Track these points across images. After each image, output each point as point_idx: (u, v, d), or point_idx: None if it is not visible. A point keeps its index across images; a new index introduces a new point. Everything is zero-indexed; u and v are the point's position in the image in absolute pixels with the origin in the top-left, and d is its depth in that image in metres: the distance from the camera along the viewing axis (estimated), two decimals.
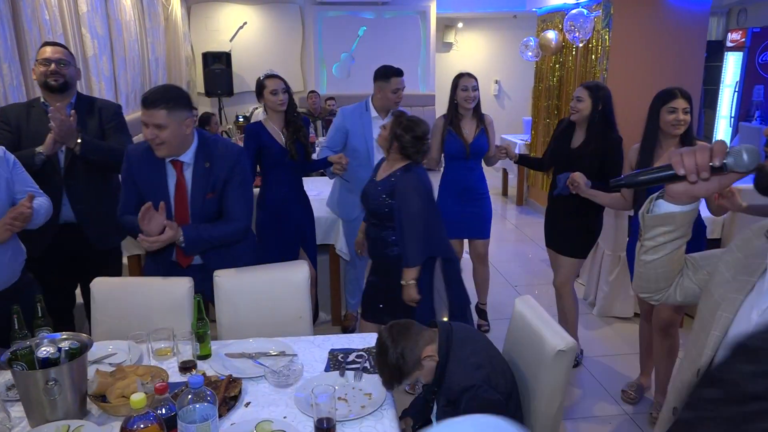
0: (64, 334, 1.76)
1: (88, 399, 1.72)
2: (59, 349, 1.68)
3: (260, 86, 3.30)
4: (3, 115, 2.75)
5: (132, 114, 6.11)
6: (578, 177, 2.90)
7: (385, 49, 8.96)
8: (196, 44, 8.81)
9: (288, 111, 3.31)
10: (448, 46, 10.87)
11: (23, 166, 2.41)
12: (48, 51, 2.73)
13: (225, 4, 8.81)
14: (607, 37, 5.33)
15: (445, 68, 10.50)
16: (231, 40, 8.82)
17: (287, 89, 3.31)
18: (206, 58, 8.49)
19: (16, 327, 1.95)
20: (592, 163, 3.01)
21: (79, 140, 2.62)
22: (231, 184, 2.37)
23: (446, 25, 10.62)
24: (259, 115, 8.11)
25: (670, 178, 1.14)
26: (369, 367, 1.97)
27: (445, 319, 2.60)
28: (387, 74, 3.49)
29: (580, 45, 5.58)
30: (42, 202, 2.34)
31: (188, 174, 2.34)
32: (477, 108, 3.58)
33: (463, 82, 3.57)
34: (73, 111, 2.63)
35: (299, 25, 9.00)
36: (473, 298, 4.02)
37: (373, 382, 1.87)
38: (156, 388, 1.39)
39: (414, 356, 1.78)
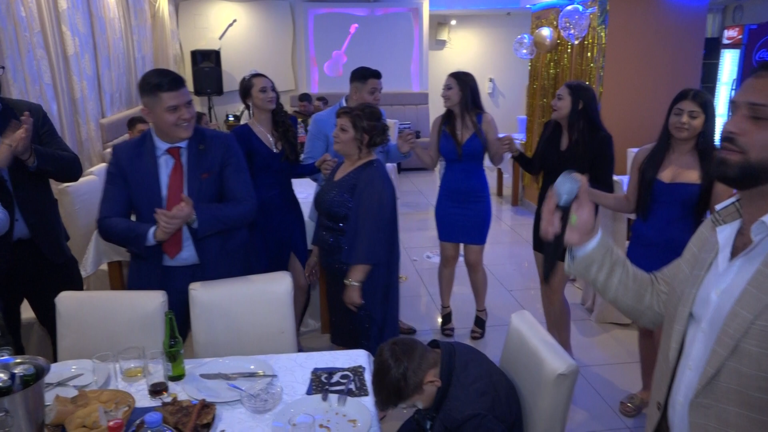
0: (18, 358, 1.60)
1: (45, 430, 1.57)
2: (12, 375, 1.53)
3: (247, 86, 3.18)
4: None
5: (117, 113, 5.95)
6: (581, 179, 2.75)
7: (377, 46, 8.82)
8: (184, 42, 8.64)
9: (275, 111, 3.19)
10: (441, 44, 10.72)
11: None
12: None
13: (214, 1, 8.64)
14: (603, 34, 5.21)
15: (438, 66, 10.36)
16: (220, 38, 8.65)
17: (275, 88, 3.20)
18: (195, 57, 8.33)
19: None
20: (582, 164, 2.89)
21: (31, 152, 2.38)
22: (229, 168, 2.35)
23: (439, 22, 10.48)
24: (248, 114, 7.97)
25: (559, 239, 1.36)
26: (354, 390, 1.83)
27: None
28: (364, 75, 3.35)
29: (576, 42, 5.45)
30: None
31: (184, 159, 2.29)
32: (467, 106, 3.41)
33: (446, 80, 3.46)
34: (31, 119, 2.33)
35: (290, 22, 8.85)
36: (473, 305, 3.92)
37: (358, 407, 1.73)
38: (110, 428, 1.24)
39: (416, 379, 1.66)
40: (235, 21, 8.69)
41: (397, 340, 1.75)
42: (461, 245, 3.75)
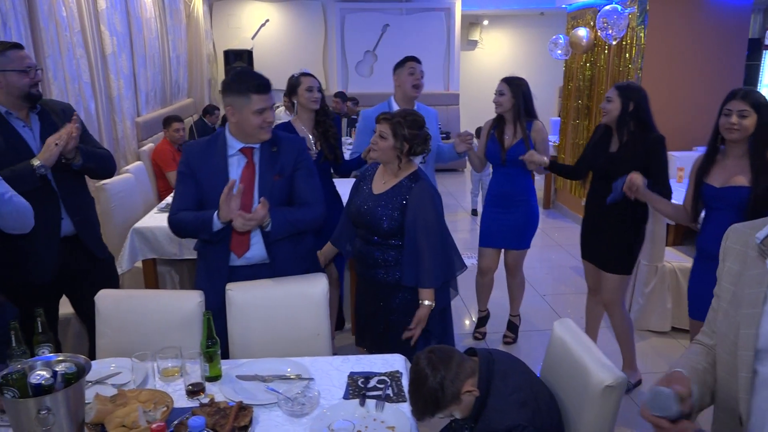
0: (60, 356, 1.62)
1: (85, 429, 1.57)
2: (54, 374, 1.54)
3: (295, 83, 3.22)
4: None
5: (153, 112, 6.02)
6: (637, 178, 2.61)
7: (409, 46, 8.77)
8: (218, 42, 8.73)
9: (319, 111, 3.23)
10: (472, 44, 10.64)
11: (20, 184, 2.22)
12: (26, 56, 2.41)
13: (247, 1, 8.71)
14: (642, 34, 5.10)
15: (469, 67, 10.29)
16: (253, 38, 8.72)
17: (321, 89, 3.24)
18: (228, 56, 8.38)
19: (14, 344, 1.82)
20: (633, 166, 2.76)
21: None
22: (301, 172, 2.35)
23: (471, 22, 10.40)
24: (280, 113, 8.01)
25: None
26: (392, 395, 1.80)
27: None
28: (402, 60, 3.36)
29: (614, 43, 5.34)
30: (21, 200, 2.12)
31: (257, 159, 2.29)
32: (518, 114, 3.35)
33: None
34: (78, 118, 2.44)
35: (321, 22, 8.87)
36: (506, 309, 3.86)
37: (396, 413, 1.70)
38: (152, 430, 1.23)
39: (454, 389, 1.60)
40: (267, 21, 8.74)
41: (434, 349, 1.70)
42: (502, 253, 3.69)
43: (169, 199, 4.10)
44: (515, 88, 3.33)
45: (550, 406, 1.68)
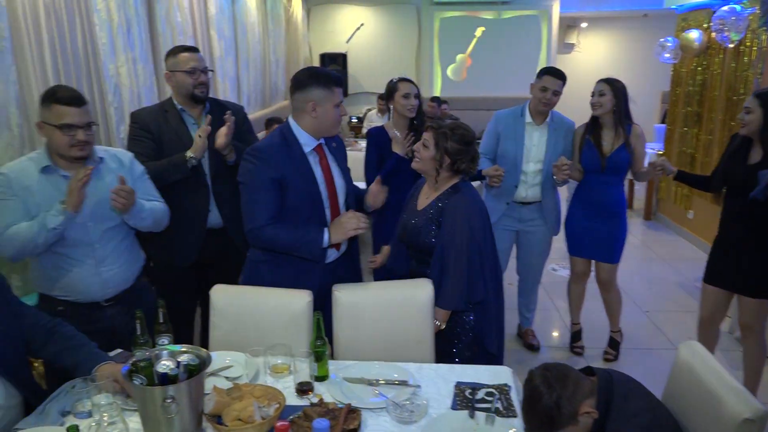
0: (183, 347, 1.69)
1: (204, 418, 1.64)
2: (178, 364, 1.61)
3: (392, 88, 3.21)
4: (140, 121, 2.61)
5: (253, 113, 6.24)
6: None
7: (503, 50, 8.63)
8: (314, 45, 8.94)
9: (415, 118, 3.20)
10: (569, 48, 10.32)
11: (174, 172, 2.49)
12: (193, 59, 2.60)
13: (343, 5, 8.86)
14: (764, 37, 4.73)
15: (565, 70, 9.94)
16: (347, 42, 8.86)
17: (419, 95, 3.21)
18: (323, 59, 8.57)
19: (138, 332, 1.93)
20: None
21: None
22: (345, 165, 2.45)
23: (569, 25, 10.09)
24: (372, 116, 8.10)
25: None
26: (501, 409, 1.75)
27: None
28: (540, 72, 3.30)
29: (731, 46, 5.00)
30: (157, 206, 2.32)
31: (328, 155, 2.33)
32: (620, 117, 3.20)
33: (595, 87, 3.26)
34: (232, 117, 2.58)
35: (415, 26, 8.88)
36: (603, 322, 3.70)
37: (507, 428, 1.65)
38: (277, 428, 1.26)
39: (570, 408, 1.53)
40: (362, 25, 8.86)
41: (549, 366, 1.64)
42: (592, 261, 3.54)
43: None
44: (616, 90, 3.18)
45: None
